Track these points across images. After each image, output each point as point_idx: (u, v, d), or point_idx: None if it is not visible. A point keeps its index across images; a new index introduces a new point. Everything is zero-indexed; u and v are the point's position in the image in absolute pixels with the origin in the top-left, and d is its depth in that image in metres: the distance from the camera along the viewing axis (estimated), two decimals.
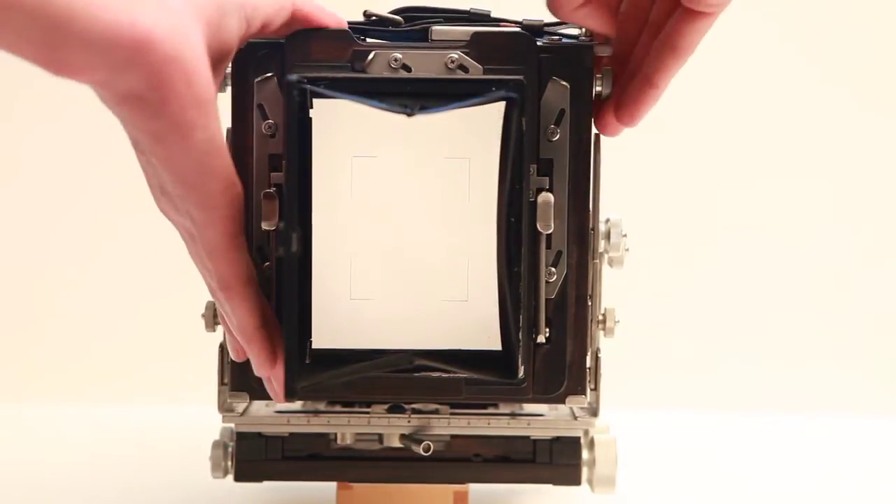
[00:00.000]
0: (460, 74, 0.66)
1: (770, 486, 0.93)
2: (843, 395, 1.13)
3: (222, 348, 0.73)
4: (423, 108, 0.59)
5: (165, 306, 1.13)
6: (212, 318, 0.73)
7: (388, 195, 0.66)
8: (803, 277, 1.18)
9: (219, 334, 0.74)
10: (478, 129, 0.64)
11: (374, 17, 0.70)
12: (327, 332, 0.66)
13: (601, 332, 0.74)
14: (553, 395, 0.70)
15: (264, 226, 0.67)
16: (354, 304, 0.66)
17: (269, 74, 0.68)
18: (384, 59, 0.66)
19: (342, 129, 0.65)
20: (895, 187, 1.19)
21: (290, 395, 0.61)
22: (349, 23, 0.69)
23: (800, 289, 1.18)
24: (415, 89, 0.64)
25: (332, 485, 0.77)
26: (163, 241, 1.13)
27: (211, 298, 0.73)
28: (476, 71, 0.66)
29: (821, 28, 1.19)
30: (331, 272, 0.66)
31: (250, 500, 0.85)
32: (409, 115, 0.58)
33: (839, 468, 0.98)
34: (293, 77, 0.61)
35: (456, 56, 0.66)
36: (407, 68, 0.66)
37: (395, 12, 0.71)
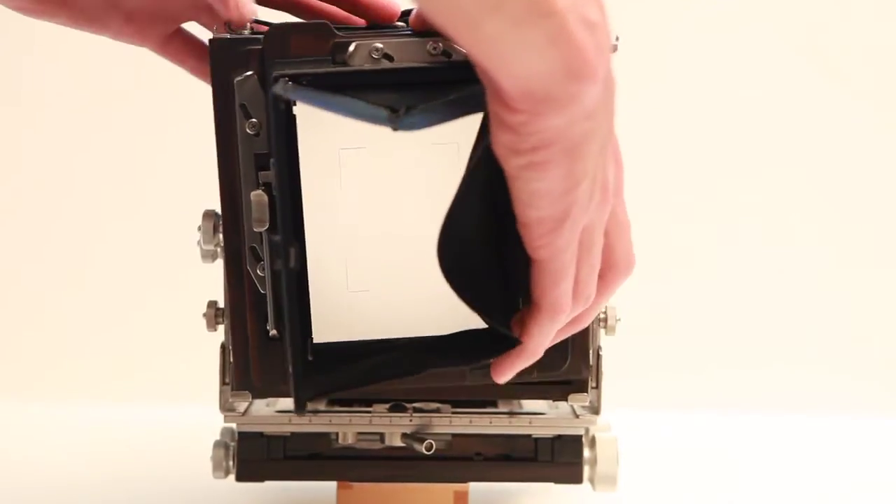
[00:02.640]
0: (443, 61, 0.65)
1: (770, 486, 0.93)
2: (843, 395, 1.13)
3: (223, 348, 0.73)
4: (409, 112, 0.57)
5: (166, 306, 1.13)
6: (213, 317, 0.73)
7: (379, 185, 0.65)
8: (803, 277, 1.18)
9: (219, 334, 0.74)
10: None
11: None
12: (326, 326, 0.66)
13: (602, 331, 0.74)
14: (557, 371, 0.70)
15: (256, 227, 0.66)
16: (352, 296, 0.66)
17: (249, 73, 0.66)
18: (365, 50, 0.65)
19: (327, 122, 0.64)
20: (895, 187, 1.19)
21: (300, 408, 0.60)
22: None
23: (800, 289, 1.18)
24: (399, 79, 0.63)
25: (334, 484, 0.77)
26: (163, 240, 1.14)
27: (212, 298, 0.74)
28: (459, 56, 0.64)
29: (820, 28, 1.19)
30: (327, 266, 0.66)
31: (251, 499, 0.85)
32: (395, 129, 0.57)
33: (839, 468, 0.98)
34: (278, 90, 0.59)
35: (438, 43, 0.65)
36: (389, 58, 0.65)
37: None
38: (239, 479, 0.77)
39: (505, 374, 0.64)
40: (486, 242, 0.62)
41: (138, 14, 0.71)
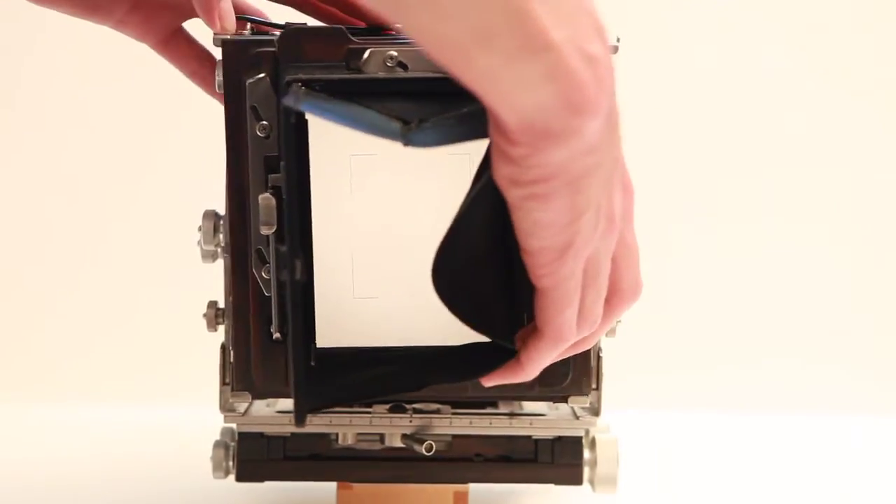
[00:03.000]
0: None
1: (770, 486, 0.93)
2: (843, 395, 1.13)
3: (224, 348, 0.73)
4: (421, 125, 0.56)
5: (166, 306, 1.13)
6: (213, 318, 0.73)
7: (389, 193, 0.65)
8: (804, 277, 1.18)
9: (220, 335, 0.74)
10: None
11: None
12: (330, 331, 0.66)
13: None
14: (558, 387, 0.70)
15: (263, 231, 0.66)
16: (358, 303, 0.66)
17: (262, 76, 0.66)
18: (380, 58, 0.65)
19: (339, 127, 0.64)
20: (894, 186, 1.19)
21: (300, 422, 0.59)
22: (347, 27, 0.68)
23: (800, 289, 1.18)
24: (412, 89, 0.62)
25: (334, 485, 0.77)
26: (164, 241, 1.14)
27: (212, 298, 0.74)
28: None
29: (819, 27, 1.19)
30: (334, 271, 0.66)
31: (251, 500, 0.85)
32: (405, 145, 0.56)
33: (839, 468, 0.98)
34: (289, 102, 0.59)
35: None
36: (403, 66, 0.65)
37: None
38: (239, 479, 0.77)
39: (494, 381, 0.63)
40: (494, 259, 0.62)
41: (144, 3, 0.71)
